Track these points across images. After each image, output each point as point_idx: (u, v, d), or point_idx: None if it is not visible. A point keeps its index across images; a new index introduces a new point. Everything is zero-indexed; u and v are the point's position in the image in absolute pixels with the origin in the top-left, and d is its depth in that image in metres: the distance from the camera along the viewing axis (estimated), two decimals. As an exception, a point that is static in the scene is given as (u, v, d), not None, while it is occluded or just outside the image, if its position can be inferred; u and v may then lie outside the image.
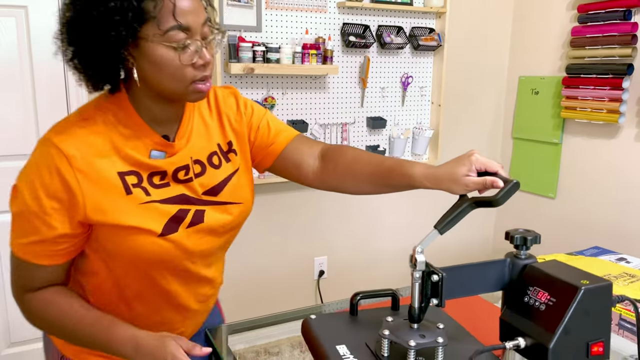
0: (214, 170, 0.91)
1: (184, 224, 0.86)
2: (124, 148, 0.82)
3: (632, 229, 2.22)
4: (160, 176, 0.85)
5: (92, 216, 0.79)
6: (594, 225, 2.38)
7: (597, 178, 2.37)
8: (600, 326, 0.73)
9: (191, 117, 0.91)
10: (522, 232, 0.82)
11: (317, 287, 2.55)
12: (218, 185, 0.91)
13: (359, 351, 0.80)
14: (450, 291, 0.78)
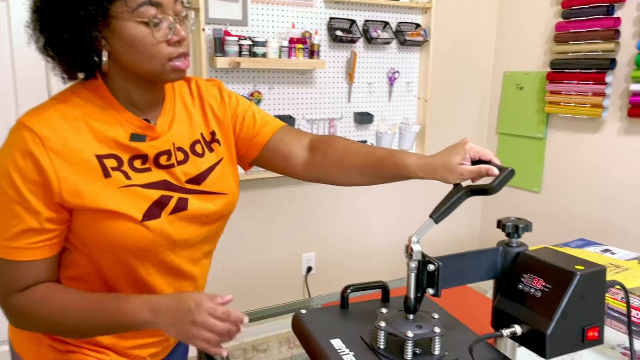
0: (197, 159, 0.89)
1: (167, 210, 0.83)
2: (103, 131, 0.79)
3: (617, 222, 2.25)
4: (141, 160, 0.82)
5: (69, 199, 0.76)
6: (578, 218, 2.41)
7: (581, 172, 2.41)
8: (595, 311, 0.73)
9: (173, 104, 0.88)
10: (514, 220, 0.82)
11: (305, 284, 2.53)
12: (202, 175, 0.89)
13: (355, 345, 0.79)
14: (446, 281, 0.77)
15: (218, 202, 0.90)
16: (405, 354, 0.74)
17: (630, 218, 2.20)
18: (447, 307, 0.94)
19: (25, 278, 0.79)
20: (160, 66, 0.77)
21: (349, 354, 0.76)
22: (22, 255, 0.77)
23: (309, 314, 0.89)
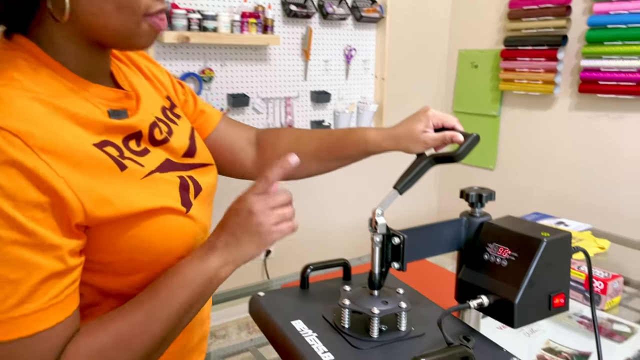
0: (176, 127, 0.73)
1: (191, 193, 0.67)
2: (77, 111, 0.56)
3: (569, 195, 2.32)
4: (135, 140, 0.64)
5: (97, 211, 0.54)
6: (532, 193, 2.47)
7: (534, 148, 2.46)
8: (561, 277, 0.72)
9: (118, 71, 0.70)
10: (477, 189, 0.80)
11: (264, 267, 2.48)
12: (191, 146, 0.74)
13: (317, 325, 0.75)
14: (410, 253, 0.74)
15: (211, 174, 0.76)
16: (370, 332, 0.70)
17: (581, 191, 2.27)
18: (409, 282, 0.92)
19: (52, 350, 0.52)
20: (133, 23, 0.58)
21: (311, 334, 0.72)
22: (43, 320, 0.51)
23: (267, 297, 0.84)
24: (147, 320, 0.57)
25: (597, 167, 2.21)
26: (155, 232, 0.60)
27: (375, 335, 0.70)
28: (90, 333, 0.55)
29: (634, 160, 2.08)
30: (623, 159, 2.12)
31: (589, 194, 2.24)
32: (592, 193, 2.21)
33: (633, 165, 2.08)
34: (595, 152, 2.21)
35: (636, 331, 1.05)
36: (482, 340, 0.71)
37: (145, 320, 0.57)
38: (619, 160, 2.13)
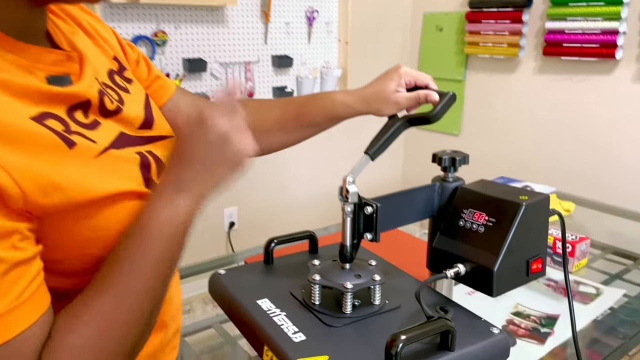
0: (127, 95, 0.62)
1: (153, 172, 0.57)
2: (8, 78, 0.46)
3: (533, 158, 2.34)
4: (82, 111, 0.53)
5: (42, 199, 0.44)
6: (498, 158, 2.48)
7: (499, 112, 2.45)
8: (539, 242, 0.69)
9: (54, 29, 0.58)
10: (450, 153, 0.76)
11: (228, 240, 2.42)
12: (147, 115, 0.63)
13: (285, 303, 0.70)
14: (383, 223, 0.70)
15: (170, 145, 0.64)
16: (344, 308, 0.66)
17: (546, 154, 2.29)
18: (377, 252, 0.87)
19: None
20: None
21: (279, 314, 0.67)
22: (13, 322, 0.42)
23: (229, 274, 0.78)
24: (127, 295, 0.47)
25: (561, 131, 2.23)
26: (117, 221, 0.50)
27: (348, 311, 0.66)
28: (68, 330, 0.46)
29: (598, 123, 2.11)
30: (587, 121, 2.14)
31: (553, 157, 2.26)
32: (557, 156, 2.24)
33: (596, 127, 2.11)
34: (560, 115, 2.23)
35: (602, 292, 1.05)
36: (460, 310, 0.68)
37: (125, 294, 0.47)
38: (582, 123, 2.15)
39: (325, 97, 0.73)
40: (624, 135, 2.02)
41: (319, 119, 0.74)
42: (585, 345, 0.86)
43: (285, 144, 0.78)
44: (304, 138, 0.78)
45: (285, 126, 0.76)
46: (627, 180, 2.01)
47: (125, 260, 0.49)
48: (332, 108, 0.72)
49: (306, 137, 0.78)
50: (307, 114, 0.74)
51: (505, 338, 0.62)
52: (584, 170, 2.15)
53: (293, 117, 0.75)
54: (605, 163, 2.08)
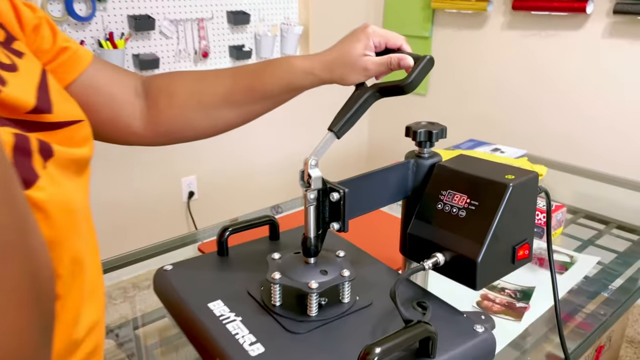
0: (12, 73, 0.48)
1: (36, 160, 0.42)
2: None
3: (502, 118, 2.28)
4: None
5: None
6: (466, 119, 2.42)
7: (466, 71, 2.37)
8: (526, 225, 0.62)
9: None
10: (425, 125, 0.66)
11: (187, 211, 2.29)
12: (41, 99, 0.48)
13: (242, 304, 0.60)
14: (352, 210, 0.60)
15: (81, 133, 0.52)
16: (308, 310, 0.57)
17: (515, 114, 2.24)
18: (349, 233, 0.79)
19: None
20: None
21: (234, 319, 0.57)
22: None
23: (176, 270, 0.68)
24: None
25: (530, 89, 2.17)
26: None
27: (314, 314, 0.57)
28: None
29: (568, 81, 2.06)
30: (557, 79, 2.09)
31: (523, 117, 2.22)
32: (527, 116, 2.19)
33: (567, 86, 2.06)
34: (529, 73, 2.17)
35: (576, 260, 1.01)
36: (439, 305, 0.60)
37: None
38: (552, 81, 2.10)
39: (281, 64, 0.62)
40: (595, 94, 1.98)
41: (275, 90, 0.62)
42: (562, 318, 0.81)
43: (235, 121, 0.66)
44: (257, 114, 0.66)
45: (235, 100, 0.64)
46: (598, 140, 1.99)
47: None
48: (290, 76, 0.61)
49: (260, 112, 0.66)
50: (260, 85, 0.62)
51: (491, 337, 0.56)
52: (555, 130, 2.12)
53: (244, 88, 0.63)
54: (576, 123, 2.05)
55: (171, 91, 0.64)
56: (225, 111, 0.64)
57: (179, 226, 2.29)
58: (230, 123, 0.66)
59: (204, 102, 0.64)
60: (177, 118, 0.64)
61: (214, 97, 0.64)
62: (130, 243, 2.20)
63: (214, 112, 0.64)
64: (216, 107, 0.64)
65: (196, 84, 0.65)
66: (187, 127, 0.65)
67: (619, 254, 1.02)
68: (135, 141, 0.65)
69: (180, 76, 0.66)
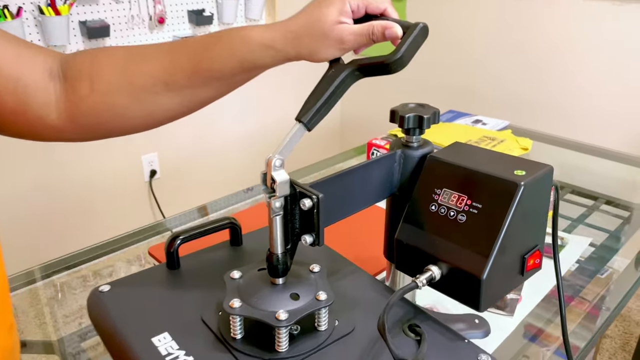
0: None
1: None
2: None
3: (482, 88, 2.18)
4: None
5: None
6: (445, 88, 2.30)
7: (444, 35, 2.24)
8: (538, 229, 0.52)
9: None
10: (414, 107, 0.55)
11: (150, 191, 2.14)
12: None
13: (194, 337, 0.49)
14: (328, 218, 0.49)
15: None
16: (277, 344, 0.46)
17: (495, 83, 2.13)
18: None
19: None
20: None
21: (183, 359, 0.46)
22: None
23: (114, 291, 0.55)
24: None
25: (512, 56, 2.06)
26: None
27: (283, 349, 0.46)
28: None
29: (551, 47, 1.96)
30: (540, 45, 1.98)
31: (502, 86, 2.12)
32: (509, 85, 2.09)
33: (550, 51, 1.96)
34: (510, 39, 2.06)
35: (567, 242, 0.94)
36: (435, 328, 0.50)
37: None
38: (535, 48, 1.99)
39: (233, 36, 0.48)
40: (581, 60, 1.88)
41: (226, 69, 0.49)
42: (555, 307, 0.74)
43: (178, 109, 0.52)
44: (205, 99, 0.53)
45: (176, 83, 0.50)
46: (584, 110, 1.91)
47: None
48: (245, 51, 0.47)
49: (209, 97, 0.52)
50: (207, 63, 0.49)
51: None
52: (539, 100, 2.03)
53: (187, 68, 0.49)
54: (561, 91, 1.96)
55: (95, 73, 0.50)
56: (164, 97, 0.51)
57: (142, 208, 2.14)
58: (172, 112, 0.52)
59: (136, 85, 0.50)
60: (103, 107, 0.50)
61: (150, 80, 0.50)
62: (91, 227, 2.05)
63: (150, 99, 0.51)
64: (152, 92, 0.50)
65: (126, 63, 0.50)
66: (117, 118, 0.51)
67: (611, 233, 0.95)
68: (51, 136, 0.51)
69: (107, 53, 0.51)
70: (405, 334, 0.49)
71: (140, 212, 2.14)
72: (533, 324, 0.71)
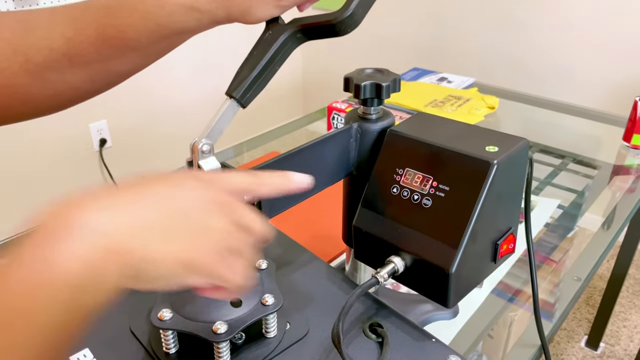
0: None
1: None
2: None
3: (448, 44, 2.09)
4: None
5: None
6: (406, 43, 2.21)
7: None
8: (512, 210, 0.46)
9: None
10: (370, 73, 0.47)
11: (101, 161, 2.01)
12: None
13: (119, 353, 0.42)
14: (272, 208, 0.42)
15: None
16: (216, 358, 0.40)
17: (462, 38, 2.05)
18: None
19: None
20: None
21: (107, 385, 0.39)
22: None
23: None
24: None
25: (477, 9, 1.98)
26: None
27: (225, 365, 0.40)
28: None
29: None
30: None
31: (467, 41, 2.04)
32: (474, 40, 2.02)
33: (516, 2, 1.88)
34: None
35: (535, 204, 0.91)
36: (400, 327, 0.45)
37: None
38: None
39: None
40: (547, 14, 1.82)
41: (141, 38, 0.39)
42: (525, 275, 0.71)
43: (87, 87, 0.42)
44: (119, 73, 0.43)
45: (81, 56, 0.40)
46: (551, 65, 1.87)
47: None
48: (161, 15, 0.38)
49: (124, 71, 0.42)
50: (116, 30, 0.39)
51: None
52: (504, 55, 1.96)
53: (94, 39, 0.39)
54: (526, 46, 1.90)
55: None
56: (70, 74, 0.41)
57: (93, 181, 2.02)
58: (82, 90, 0.43)
59: (34, 62, 0.40)
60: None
61: (50, 54, 0.40)
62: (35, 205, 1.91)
63: (54, 77, 0.41)
64: (55, 68, 0.40)
65: (20, 33, 0.40)
66: (15, 101, 0.42)
67: (579, 194, 0.93)
68: None
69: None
70: (366, 335, 0.43)
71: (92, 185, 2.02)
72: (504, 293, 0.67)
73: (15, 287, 0.23)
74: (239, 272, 0.30)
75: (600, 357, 1.39)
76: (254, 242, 0.31)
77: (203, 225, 0.28)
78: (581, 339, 1.44)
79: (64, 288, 0.24)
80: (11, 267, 0.24)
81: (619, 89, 1.73)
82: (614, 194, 0.94)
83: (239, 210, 0.30)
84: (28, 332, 0.23)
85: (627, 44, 1.69)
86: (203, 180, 0.30)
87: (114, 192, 0.28)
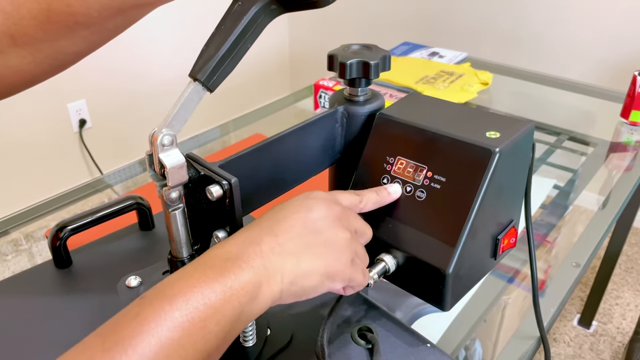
0: None
1: None
2: None
3: (439, 17, 2.02)
4: None
5: None
6: (398, 17, 2.13)
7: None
8: (513, 202, 0.42)
9: None
10: (357, 50, 0.42)
11: (81, 142, 1.94)
12: None
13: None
14: (249, 203, 0.37)
15: None
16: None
17: (452, 10, 1.99)
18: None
19: None
20: None
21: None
22: None
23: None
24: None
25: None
26: None
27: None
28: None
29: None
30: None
31: (462, 14, 1.97)
32: (466, 13, 1.95)
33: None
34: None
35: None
36: (391, 330, 0.41)
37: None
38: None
39: None
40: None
41: (92, 13, 0.33)
42: (522, 259, 0.68)
43: (33, 70, 0.37)
44: (73, 55, 0.37)
45: (26, 35, 0.35)
46: (546, 39, 1.81)
47: None
48: None
49: (77, 52, 0.37)
50: (65, 6, 0.33)
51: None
52: (498, 29, 1.90)
53: (38, 15, 0.34)
54: (521, 18, 1.84)
55: None
56: (13, 55, 0.36)
57: (74, 164, 1.95)
58: (28, 74, 0.37)
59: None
60: None
61: (13, 30, 0.34)
62: (15, 189, 1.85)
63: (7, 59, 0.36)
64: (17, 47, 0.35)
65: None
66: None
67: (575, 172, 0.89)
68: None
69: None
70: (354, 341, 0.40)
71: (73, 168, 1.95)
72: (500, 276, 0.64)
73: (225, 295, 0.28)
74: (364, 271, 0.35)
75: (593, 335, 1.38)
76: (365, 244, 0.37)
77: (334, 239, 0.33)
78: (574, 318, 1.43)
79: (247, 303, 0.29)
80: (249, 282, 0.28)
81: (616, 64, 1.69)
82: (610, 172, 0.91)
83: (352, 219, 0.35)
84: (214, 332, 0.27)
85: (625, 17, 1.64)
86: (325, 200, 0.34)
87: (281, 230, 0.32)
